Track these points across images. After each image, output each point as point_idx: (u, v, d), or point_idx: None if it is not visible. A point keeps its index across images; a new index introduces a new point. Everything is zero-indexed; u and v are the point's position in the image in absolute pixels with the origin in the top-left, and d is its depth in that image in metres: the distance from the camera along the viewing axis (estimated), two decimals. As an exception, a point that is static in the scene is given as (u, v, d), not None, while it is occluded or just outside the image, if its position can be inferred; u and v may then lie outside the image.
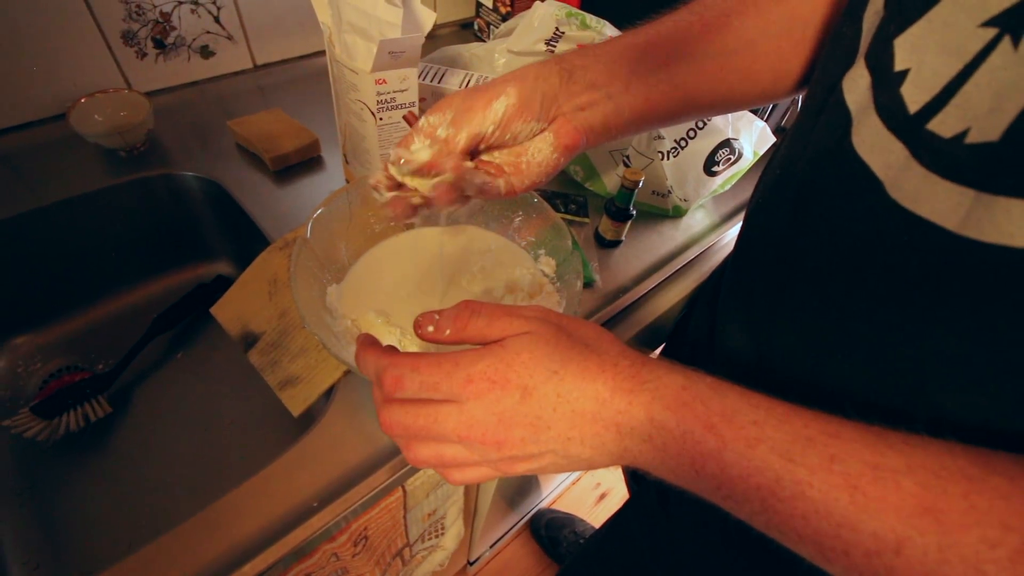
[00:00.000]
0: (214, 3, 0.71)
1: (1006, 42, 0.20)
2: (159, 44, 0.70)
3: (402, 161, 0.33)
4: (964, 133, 0.21)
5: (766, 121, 0.68)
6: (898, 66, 0.24)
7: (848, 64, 0.29)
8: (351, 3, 0.45)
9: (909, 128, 0.24)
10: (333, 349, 0.40)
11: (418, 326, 0.29)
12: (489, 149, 0.35)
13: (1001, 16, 0.20)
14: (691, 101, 0.38)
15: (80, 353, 0.65)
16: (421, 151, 0.33)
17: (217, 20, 0.72)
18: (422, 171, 0.34)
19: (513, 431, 0.26)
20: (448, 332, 0.28)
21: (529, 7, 0.81)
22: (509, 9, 0.87)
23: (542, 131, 0.35)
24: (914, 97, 0.23)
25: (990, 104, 0.21)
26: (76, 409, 0.58)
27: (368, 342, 0.31)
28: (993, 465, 0.21)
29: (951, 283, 0.24)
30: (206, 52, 0.74)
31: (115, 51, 0.67)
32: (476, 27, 0.96)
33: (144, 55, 0.69)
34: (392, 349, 0.31)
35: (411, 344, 0.46)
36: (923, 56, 0.23)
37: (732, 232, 0.69)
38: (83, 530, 0.53)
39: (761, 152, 0.64)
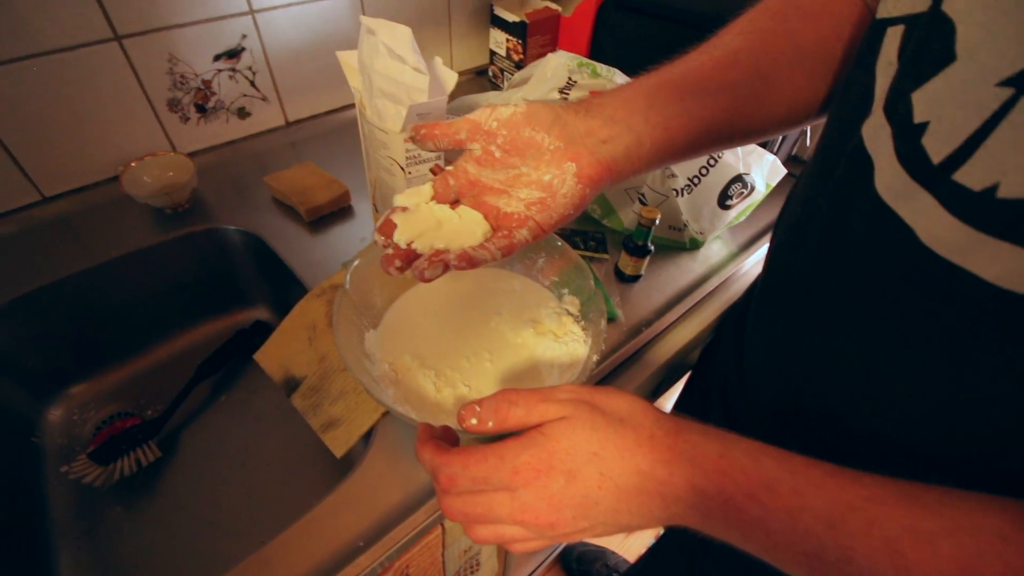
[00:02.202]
0: (250, 68, 0.76)
1: None
2: (200, 109, 0.75)
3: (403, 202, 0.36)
4: (994, 187, 0.22)
5: (776, 154, 0.70)
6: (917, 118, 0.25)
7: (864, 111, 0.30)
8: (381, 72, 0.49)
9: (934, 178, 0.24)
10: (374, 393, 0.43)
11: (461, 419, 0.31)
12: (505, 160, 0.35)
13: (1016, 77, 0.21)
14: (710, 133, 0.38)
15: (130, 400, 0.69)
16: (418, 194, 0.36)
17: (253, 84, 0.78)
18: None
19: (563, 512, 0.28)
20: (490, 424, 0.30)
21: (541, 54, 0.86)
22: (522, 57, 0.92)
23: (557, 155, 0.34)
24: (936, 148, 0.24)
25: (1017, 159, 0.21)
26: (129, 454, 0.62)
27: (425, 437, 0.33)
28: None
29: (988, 330, 0.24)
30: (243, 113, 0.79)
31: (161, 117, 0.73)
32: (490, 74, 1.01)
33: (187, 119, 0.75)
34: (447, 434, 0.34)
35: (445, 386, 0.48)
36: (942, 111, 0.24)
37: (750, 261, 0.71)
38: (138, 571, 0.56)
39: (773, 184, 0.66)
